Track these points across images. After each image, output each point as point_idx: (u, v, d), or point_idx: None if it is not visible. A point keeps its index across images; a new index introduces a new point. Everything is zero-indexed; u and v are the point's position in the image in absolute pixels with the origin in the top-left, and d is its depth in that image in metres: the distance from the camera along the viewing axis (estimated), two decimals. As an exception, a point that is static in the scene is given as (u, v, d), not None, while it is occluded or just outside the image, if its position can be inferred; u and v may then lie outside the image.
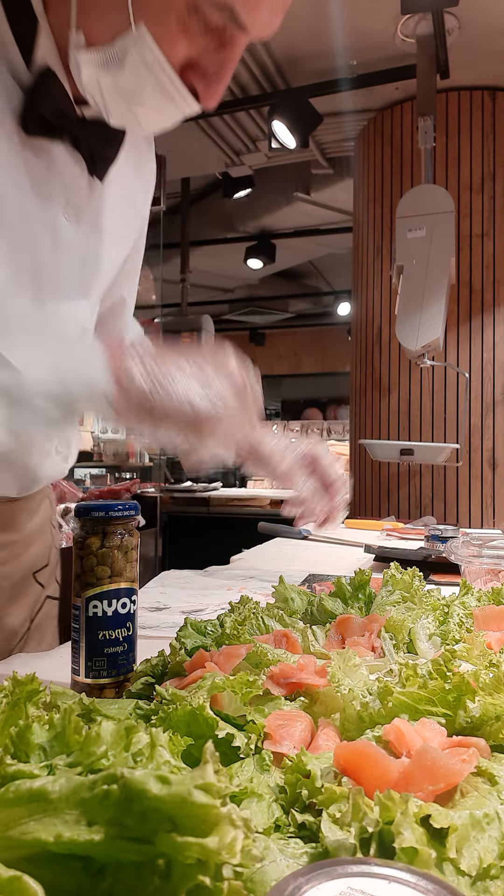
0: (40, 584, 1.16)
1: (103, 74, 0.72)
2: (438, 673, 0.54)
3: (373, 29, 3.35)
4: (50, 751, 0.44)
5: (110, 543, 0.71)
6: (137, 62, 0.70)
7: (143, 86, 0.71)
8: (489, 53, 3.52)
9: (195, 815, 0.29)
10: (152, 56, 0.69)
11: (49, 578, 1.20)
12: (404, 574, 0.91)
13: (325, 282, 9.06)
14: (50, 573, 1.19)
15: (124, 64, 0.70)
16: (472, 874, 0.37)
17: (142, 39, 0.69)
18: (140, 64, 0.70)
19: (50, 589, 1.20)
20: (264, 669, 0.61)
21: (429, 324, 2.18)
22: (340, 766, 0.45)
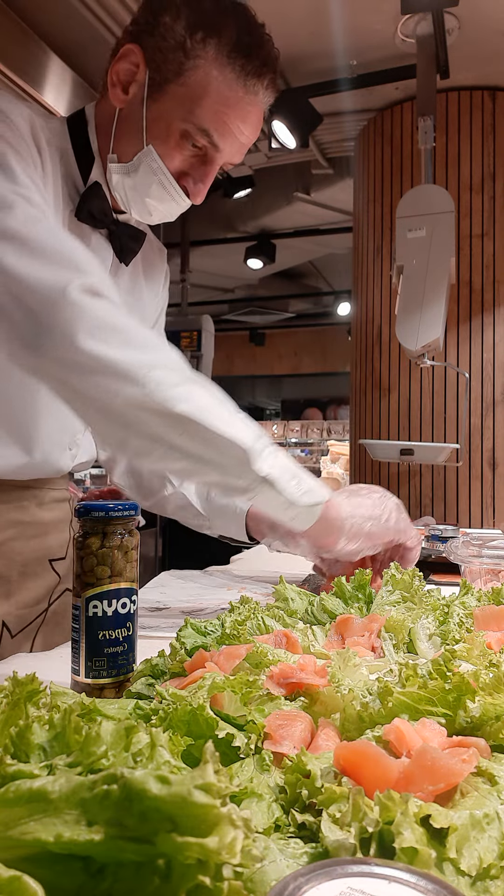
0: (57, 573, 1.27)
1: (126, 178, 1.09)
2: (438, 673, 0.54)
3: (373, 29, 3.35)
4: (50, 751, 0.44)
5: (110, 543, 0.71)
6: (147, 169, 1.07)
7: (150, 184, 1.08)
8: (489, 53, 3.52)
9: (195, 815, 0.29)
10: (156, 165, 1.06)
11: (68, 572, 1.29)
12: (404, 574, 0.91)
13: (325, 282, 9.06)
14: (69, 567, 1.29)
15: (138, 171, 1.07)
16: (472, 874, 0.37)
17: (150, 154, 1.06)
18: (148, 170, 1.07)
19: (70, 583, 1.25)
20: (264, 669, 0.61)
21: (429, 324, 2.18)
22: (340, 766, 0.45)
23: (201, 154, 1.08)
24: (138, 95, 1.07)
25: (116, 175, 1.09)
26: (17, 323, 0.85)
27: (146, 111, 1.06)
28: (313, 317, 10.56)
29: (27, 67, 3.35)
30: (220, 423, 0.85)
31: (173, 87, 1.04)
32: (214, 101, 1.04)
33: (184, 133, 1.05)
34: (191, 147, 1.06)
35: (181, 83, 1.04)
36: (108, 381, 0.83)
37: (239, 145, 1.08)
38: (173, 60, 1.03)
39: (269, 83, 1.08)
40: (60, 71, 3.51)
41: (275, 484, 0.88)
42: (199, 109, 1.04)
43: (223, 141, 1.06)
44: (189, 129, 1.04)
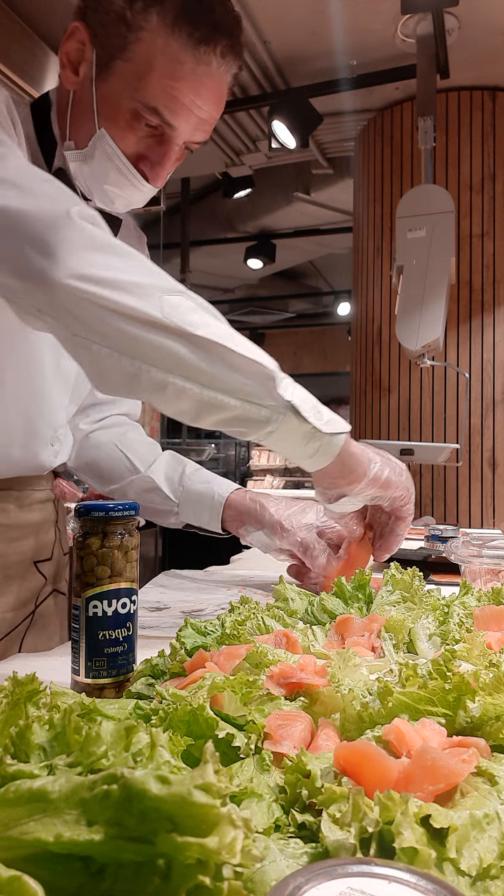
0: (43, 575, 1.23)
1: (83, 166, 1.02)
2: (438, 673, 0.54)
3: (373, 29, 3.35)
4: (50, 751, 0.44)
5: (110, 543, 0.71)
6: (101, 154, 1.00)
7: (107, 170, 1.01)
8: (489, 53, 3.52)
9: (195, 815, 0.29)
10: (111, 149, 1.00)
11: (55, 573, 1.27)
12: (404, 574, 0.91)
13: (325, 282, 9.07)
14: (56, 568, 1.27)
15: (94, 156, 1.01)
16: (472, 874, 0.37)
17: (103, 138, 0.99)
18: (103, 155, 1.00)
19: (58, 584, 1.28)
20: (264, 669, 0.61)
21: (429, 324, 2.18)
22: (340, 766, 0.45)
23: (157, 134, 1.00)
24: (88, 76, 1.00)
25: (73, 163, 1.04)
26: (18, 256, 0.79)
27: (96, 92, 0.99)
28: (313, 317, 10.57)
29: (27, 67, 3.35)
30: (241, 347, 0.81)
31: (119, 63, 0.97)
32: (161, 75, 0.95)
33: (133, 112, 0.97)
34: (144, 127, 0.99)
35: (126, 59, 0.96)
36: (122, 300, 0.77)
37: (197, 120, 1.00)
38: (116, 34, 0.96)
39: (224, 50, 0.97)
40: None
41: (299, 410, 0.84)
42: (144, 86, 0.96)
43: (176, 118, 0.98)
44: (137, 107, 0.97)
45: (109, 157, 1.00)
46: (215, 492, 1.24)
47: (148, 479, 1.27)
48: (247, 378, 0.82)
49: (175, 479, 1.27)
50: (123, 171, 1.02)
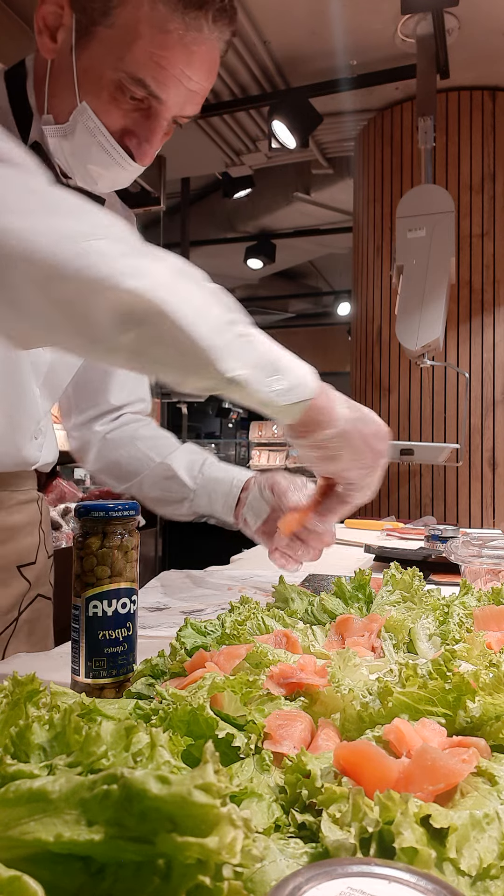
0: (27, 579, 1.18)
1: (64, 142, 0.94)
2: (438, 673, 0.54)
3: (373, 29, 3.35)
4: (50, 751, 0.44)
5: (110, 543, 0.71)
6: (83, 130, 0.92)
7: (89, 147, 0.93)
8: (489, 53, 3.52)
9: (195, 815, 0.29)
10: (93, 124, 0.91)
11: (39, 577, 1.22)
12: (404, 574, 0.91)
13: (325, 282, 9.07)
14: (40, 572, 1.22)
15: (75, 132, 0.92)
16: (472, 874, 0.37)
17: (85, 112, 0.90)
18: (85, 131, 0.92)
19: (42, 588, 1.23)
20: (264, 669, 0.61)
21: (429, 324, 2.18)
22: (340, 766, 0.45)
23: (143, 108, 0.91)
24: (67, 43, 0.90)
25: (53, 139, 0.94)
26: None
27: (76, 61, 0.89)
28: (313, 317, 10.57)
29: (27, 67, 3.35)
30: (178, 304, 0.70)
31: (101, 29, 0.87)
32: (148, 43, 0.86)
33: (117, 84, 0.88)
34: (129, 100, 0.90)
35: (109, 24, 0.87)
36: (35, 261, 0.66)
37: (187, 93, 0.91)
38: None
39: (216, 14, 0.88)
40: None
41: (246, 385, 0.76)
42: (129, 55, 0.86)
43: (164, 90, 0.89)
44: (122, 78, 0.88)
45: (92, 133, 0.91)
46: (234, 477, 1.23)
47: (167, 466, 1.25)
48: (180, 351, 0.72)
49: (195, 468, 1.25)
50: (107, 149, 0.93)
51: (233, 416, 12.67)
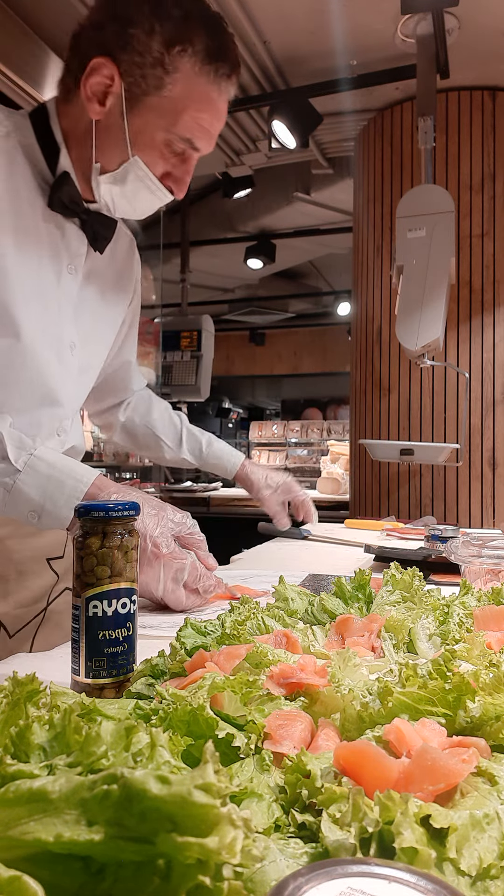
0: (55, 572, 1.28)
1: (114, 188, 1.15)
2: (438, 673, 0.54)
3: (373, 29, 3.35)
4: (50, 751, 0.44)
5: (110, 543, 0.71)
6: (134, 178, 1.13)
7: (137, 190, 1.15)
8: (489, 53, 3.52)
9: (195, 815, 0.29)
10: (143, 173, 1.13)
11: (67, 571, 1.31)
12: (404, 574, 0.91)
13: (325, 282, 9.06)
14: (68, 566, 1.32)
15: (126, 180, 1.13)
16: (472, 874, 0.37)
17: (136, 164, 1.12)
18: (136, 179, 1.13)
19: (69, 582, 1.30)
20: (264, 669, 0.61)
21: (429, 324, 2.18)
22: (340, 766, 0.45)
23: (180, 153, 1.14)
24: (116, 107, 1.09)
25: (105, 185, 1.14)
26: None
27: (128, 125, 1.10)
28: (313, 317, 10.56)
29: (27, 67, 3.35)
30: None
31: (153, 99, 1.08)
32: (194, 110, 1.09)
33: (166, 142, 1.11)
34: (173, 154, 1.13)
35: (162, 96, 1.08)
36: None
37: (211, 138, 1.15)
38: (153, 76, 1.07)
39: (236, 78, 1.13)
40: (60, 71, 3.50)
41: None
42: (179, 119, 1.09)
43: (200, 142, 1.13)
44: (172, 139, 1.11)
45: (141, 179, 1.13)
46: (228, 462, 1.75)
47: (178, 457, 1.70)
48: None
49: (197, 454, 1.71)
50: (154, 190, 1.15)
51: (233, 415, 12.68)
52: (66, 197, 1.14)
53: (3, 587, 1.18)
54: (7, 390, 1.12)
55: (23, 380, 1.13)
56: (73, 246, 1.20)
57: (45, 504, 1.01)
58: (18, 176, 1.10)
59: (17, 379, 1.13)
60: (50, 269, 1.16)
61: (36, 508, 1.02)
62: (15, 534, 1.19)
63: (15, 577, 1.20)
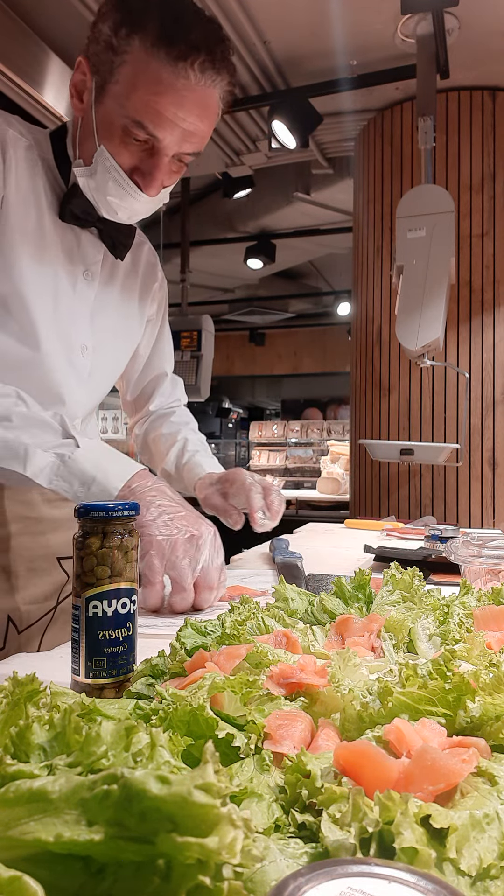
0: (66, 571, 1.31)
1: (89, 180, 1.15)
2: (438, 673, 0.54)
3: (373, 29, 3.35)
4: (50, 751, 0.44)
5: (110, 543, 0.71)
6: (102, 169, 1.12)
7: (107, 182, 1.13)
8: (489, 53, 3.52)
9: (195, 815, 0.29)
10: (109, 163, 1.12)
11: None
12: (404, 574, 0.91)
13: (325, 282, 9.06)
14: None
15: (97, 171, 1.13)
16: (472, 874, 0.37)
17: (103, 154, 1.12)
18: (104, 169, 1.12)
19: None
20: (264, 669, 0.61)
21: (429, 324, 2.18)
22: (340, 766, 0.45)
23: (147, 147, 1.11)
24: (89, 101, 1.12)
25: (82, 178, 1.15)
26: None
27: (95, 114, 1.11)
28: (313, 317, 10.56)
29: (27, 67, 3.35)
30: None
31: (111, 86, 1.08)
32: (143, 92, 1.05)
33: (124, 128, 1.08)
34: (134, 142, 1.10)
35: (115, 81, 1.07)
36: None
37: (182, 132, 1.09)
38: (106, 61, 1.07)
39: (202, 65, 1.05)
40: (60, 71, 3.51)
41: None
42: (129, 102, 1.06)
43: (160, 130, 1.08)
44: (126, 123, 1.08)
45: (108, 170, 1.12)
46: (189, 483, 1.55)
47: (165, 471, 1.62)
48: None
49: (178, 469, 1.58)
50: (120, 182, 1.13)
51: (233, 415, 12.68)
52: (76, 208, 1.18)
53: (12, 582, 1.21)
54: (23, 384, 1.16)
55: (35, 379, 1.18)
56: (90, 254, 1.24)
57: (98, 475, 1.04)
58: (39, 187, 1.16)
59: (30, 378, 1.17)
60: (65, 275, 1.20)
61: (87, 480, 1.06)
62: (25, 531, 1.21)
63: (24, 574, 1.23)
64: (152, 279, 1.46)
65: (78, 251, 1.23)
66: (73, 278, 1.22)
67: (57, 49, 3.45)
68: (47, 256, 1.17)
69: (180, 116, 1.07)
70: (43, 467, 1.04)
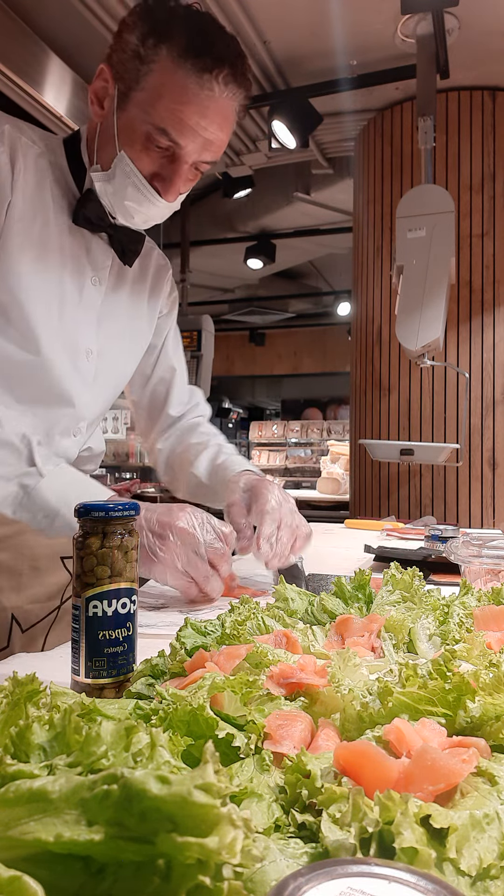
0: (69, 571, 1.31)
1: (107, 185, 1.17)
2: (438, 673, 0.54)
3: (373, 29, 3.35)
4: (50, 751, 0.44)
5: (110, 543, 0.71)
6: (122, 174, 1.15)
7: (125, 187, 1.16)
8: (489, 53, 3.52)
9: (195, 815, 0.29)
10: (129, 168, 1.14)
11: None
12: (404, 574, 0.91)
13: (325, 282, 9.06)
14: None
15: (115, 176, 1.15)
16: (472, 874, 0.37)
17: (123, 159, 1.14)
18: (122, 174, 1.15)
19: None
20: (264, 669, 0.61)
21: (429, 324, 2.18)
22: (340, 766, 0.45)
23: (168, 154, 1.13)
24: (110, 108, 1.15)
25: (99, 183, 1.17)
26: None
27: (117, 121, 1.14)
28: (313, 317, 10.57)
29: (27, 67, 3.35)
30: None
31: (135, 93, 1.11)
32: (169, 100, 1.08)
33: (147, 135, 1.11)
34: (156, 149, 1.13)
35: (141, 89, 1.10)
36: None
37: (203, 141, 1.12)
38: (132, 69, 1.10)
39: (226, 77, 1.09)
40: (60, 71, 3.51)
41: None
42: (154, 110, 1.09)
43: (183, 137, 1.11)
44: (150, 130, 1.10)
45: (128, 176, 1.14)
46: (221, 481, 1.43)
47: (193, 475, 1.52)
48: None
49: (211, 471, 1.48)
50: (140, 188, 1.15)
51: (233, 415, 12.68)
52: (90, 213, 1.20)
53: (16, 581, 1.22)
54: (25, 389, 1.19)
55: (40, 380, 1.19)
56: (99, 259, 1.26)
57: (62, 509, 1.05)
58: (47, 193, 1.18)
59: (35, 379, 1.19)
60: (72, 281, 1.22)
61: (50, 513, 1.07)
62: (28, 529, 1.22)
63: (28, 572, 1.23)
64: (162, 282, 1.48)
65: (87, 257, 1.24)
66: (80, 284, 1.23)
67: (57, 49, 3.45)
68: (52, 262, 1.18)
69: (202, 126, 1.10)
70: (6, 497, 1.06)
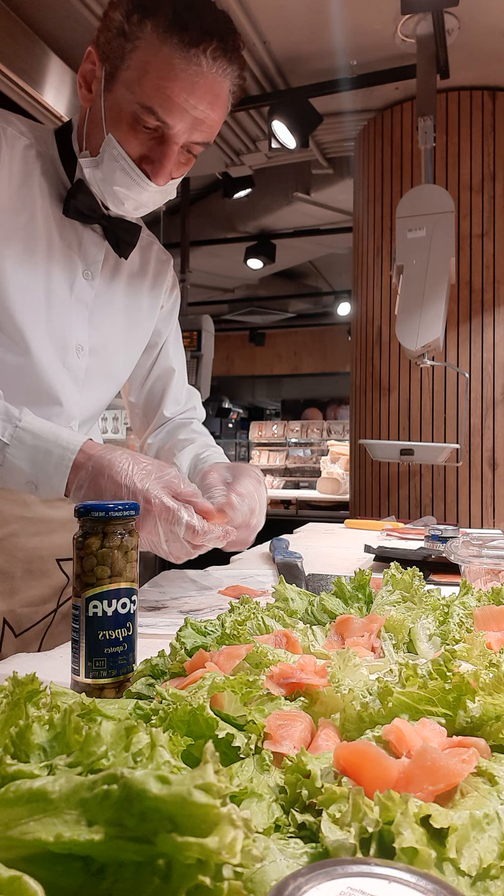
0: (66, 574, 1.28)
1: (96, 171, 1.13)
2: (438, 673, 0.54)
3: (373, 29, 3.35)
4: (50, 751, 0.44)
5: (110, 543, 0.71)
6: (109, 157, 1.10)
7: (114, 171, 1.11)
8: (489, 53, 3.52)
9: (195, 815, 0.29)
10: (117, 151, 1.10)
11: None
12: (404, 574, 0.91)
13: (325, 282, 9.07)
14: None
15: (103, 160, 1.11)
16: (472, 874, 0.37)
17: (111, 142, 1.10)
18: (111, 158, 1.10)
19: None
20: (264, 669, 0.61)
21: (429, 324, 2.18)
22: (340, 766, 0.45)
23: (157, 136, 1.09)
24: (98, 90, 1.10)
25: (87, 169, 1.13)
26: None
27: (104, 103, 1.09)
28: (313, 317, 10.57)
29: (27, 67, 3.35)
30: None
31: (122, 73, 1.06)
32: (154, 77, 1.03)
33: (133, 115, 1.06)
34: (144, 129, 1.08)
35: (126, 67, 1.06)
36: None
37: (192, 119, 1.07)
38: (117, 48, 1.06)
39: (214, 52, 1.04)
40: (60, 71, 3.51)
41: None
42: (140, 88, 1.04)
43: (171, 116, 1.06)
44: (136, 109, 1.06)
45: (115, 159, 1.10)
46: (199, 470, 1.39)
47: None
48: None
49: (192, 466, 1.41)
50: (128, 171, 1.10)
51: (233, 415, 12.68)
52: (81, 204, 1.16)
53: (8, 584, 1.18)
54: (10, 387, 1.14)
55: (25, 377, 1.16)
56: (91, 252, 1.22)
57: (38, 475, 0.99)
58: (35, 186, 1.14)
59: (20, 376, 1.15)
60: (61, 275, 1.18)
61: (32, 479, 1.01)
62: (23, 531, 1.19)
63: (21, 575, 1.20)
64: (163, 276, 1.43)
65: (78, 250, 1.20)
66: (69, 277, 1.19)
67: (57, 49, 3.45)
68: (39, 256, 1.14)
69: (191, 103, 1.05)
70: None
